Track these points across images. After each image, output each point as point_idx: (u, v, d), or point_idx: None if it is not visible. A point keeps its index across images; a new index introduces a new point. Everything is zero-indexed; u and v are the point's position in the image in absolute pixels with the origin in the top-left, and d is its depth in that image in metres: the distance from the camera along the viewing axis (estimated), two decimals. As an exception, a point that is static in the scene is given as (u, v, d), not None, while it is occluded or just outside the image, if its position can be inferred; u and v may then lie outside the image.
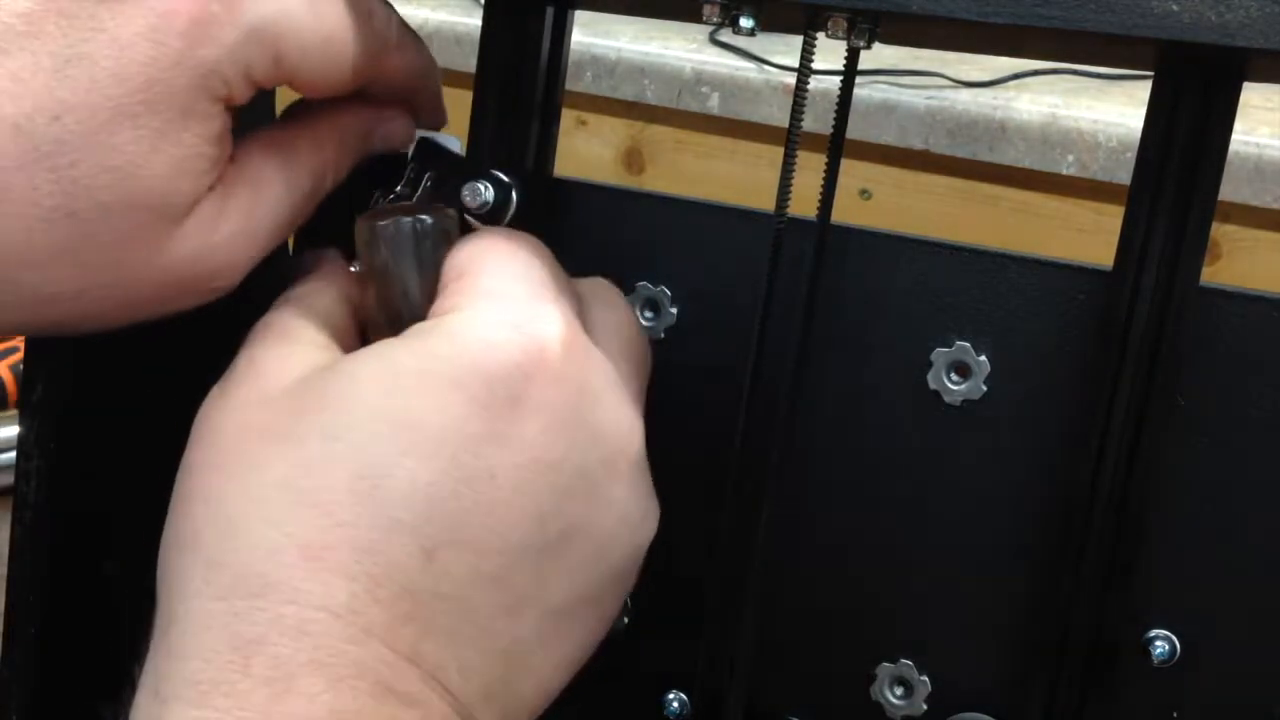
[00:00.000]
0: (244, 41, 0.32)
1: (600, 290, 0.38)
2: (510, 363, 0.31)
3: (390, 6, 0.37)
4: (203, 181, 0.33)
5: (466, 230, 0.40)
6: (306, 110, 0.38)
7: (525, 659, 0.32)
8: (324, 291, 0.36)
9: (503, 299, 0.32)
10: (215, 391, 0.34)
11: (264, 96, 0.42)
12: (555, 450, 0.32)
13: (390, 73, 0.37)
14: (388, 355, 0.32)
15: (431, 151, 0.40)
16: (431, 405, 0.31)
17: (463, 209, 0.40)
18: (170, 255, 0.33)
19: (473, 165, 0.41)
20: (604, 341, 0.35)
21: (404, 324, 0.34)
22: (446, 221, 0.35)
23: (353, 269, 0.37)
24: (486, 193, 0.40)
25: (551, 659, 0.33)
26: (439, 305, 0.33)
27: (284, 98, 0.39)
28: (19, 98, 0.30)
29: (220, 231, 0.34)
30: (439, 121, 0.41)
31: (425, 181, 0.40)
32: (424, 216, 0.35)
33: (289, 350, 0.33)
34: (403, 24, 0.38)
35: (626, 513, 0.34)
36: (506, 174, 0.40)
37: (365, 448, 0.30)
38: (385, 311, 0.35)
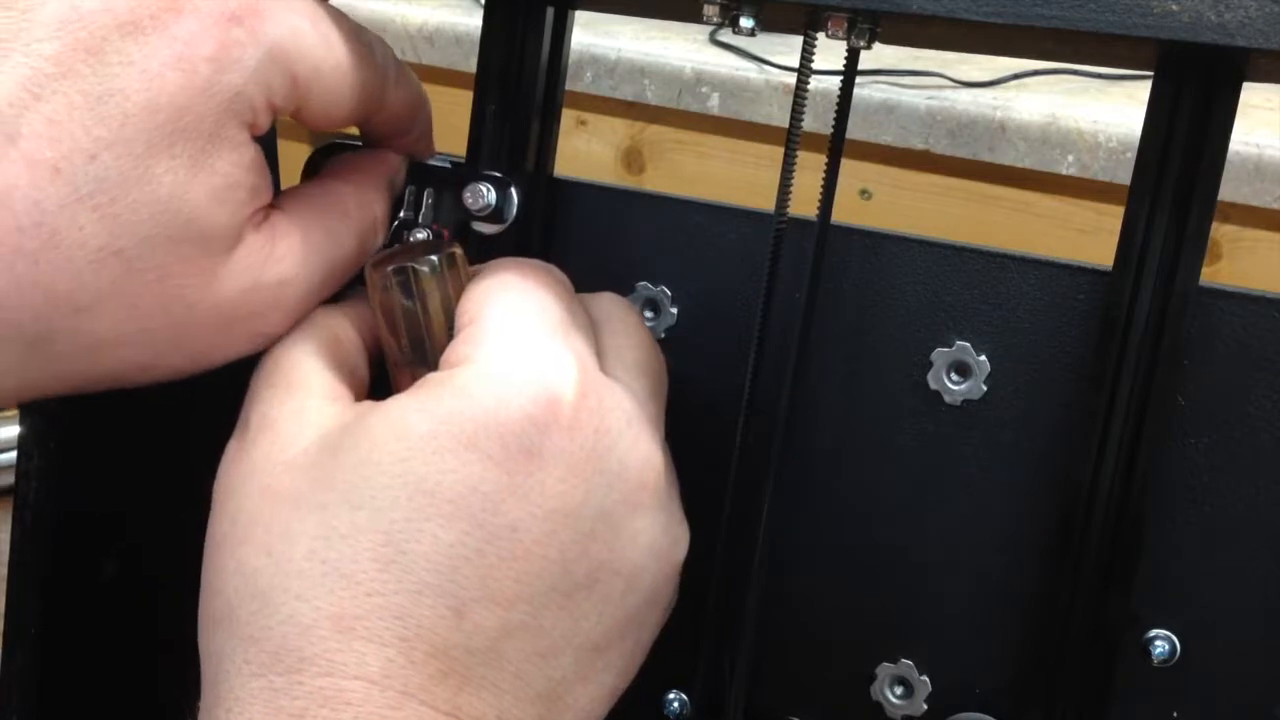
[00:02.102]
0: (264, 64, 0.32)
1: (613, 311, 0.38)
2: (524, 416, 0.31)
3: (387, 44, 0.37)
4: (243, 211, 0.33)
5: (475, 238, 0.40)
6: (341, 163, 0.39)
7: (564, 697, 0.33)
8: (334, 318, 0.36)
9: (514, 348, 0.32)
10: (232, 451, 0.34)
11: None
12: (574, 497, 0.32)
13: (391, 105, 0.37)
14: (402, 418, 0.32)
15: (421, 171, 0.41)
16: (448, 467, 0.31)
17: (467, 215, 0.40)
18: (219, 292, 0.33)
19: (465, 171, 0.41)
20: (619, 370, 0.35)
21: (423, 359, 0.34)
22: (455, 259, 0.35)
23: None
24: (489, 194, 0.40)
25: (590, 692, 0.33)
26: (451, 353, 0.33)
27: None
28: (56, 140, 0.30)
29: (269, 272, 0.34)
30: (429, 153, 0.42)
31: (426, 199, 0.40)
32: (432, 257, 0.35)
33: (301, 404, 0.33)
34: (399, 59, 0.38)
35: (652, 542, 0.34)
36: (503, 173, 0.40)
37: (387, 514, 0.31)
38: (401, 348, 0.35)
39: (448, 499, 0.31)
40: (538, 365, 0.32)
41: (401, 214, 0.40)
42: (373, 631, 0.30)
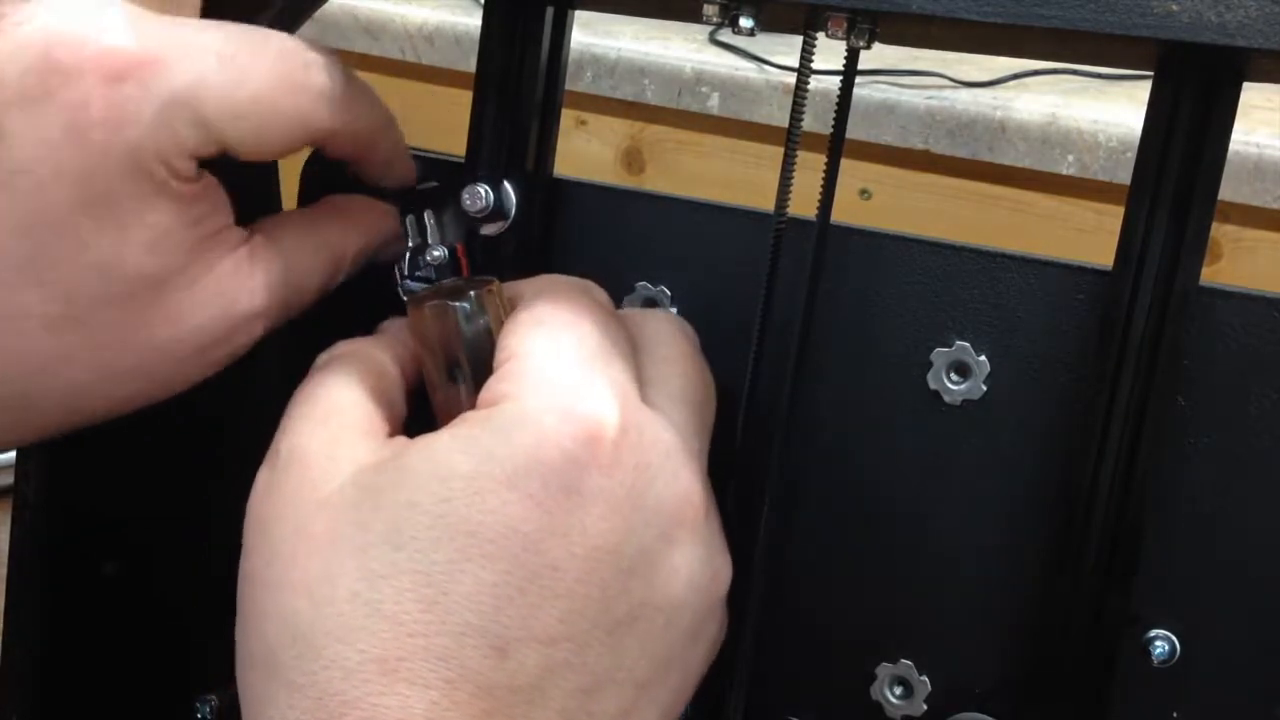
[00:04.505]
0: (163, 115, 0.32)
1: (660, 333, 0.37)
2: (564, 455, 0.31)
3: (335, 62, 0.36)
4: (185, 250, 0.33)
5: (482, 241, 0.40)
6: (338, 201, 0.39)
7: None
8: (374, 350, 0.36)
9: (552, 385, 0.32)
10: (262, 485, 0.33)
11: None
12: (615, 535, 0.32)
13: (346, 128, 0.37)
14: (442, 458, 0.31)
15: (413, 198, 0.41)
16: (489, 508, 0.31)
17: (472, 222, 0.40)
18: (185, 325, 0.33)
19: (456, 181, 0.41)
20: (662, 399, 0.34)
21: (465, 392, 0.34)
22: (493, 292, 0.35)
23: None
24: (487, 195, 0.40)
25: None
26: (490, 390, 0.33)
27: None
28: None
29: (243, 302, 0.34)
30: (407, 177, 0.41)
31: (428, 220, 0.40)
32: (471, 293, 0.35)
33: (335, 437, 0.33)
34: (352, 79, 0.37)
35: (692, 576, 0.34)
36: (495, 171, 0.40)
37: (428, 556, 0.30)
38: (442, 383, 0.35)
39: (489, 539, 0.30)
40: (577, 402, 0.32)
41: (410, 243, 0.40)
42: (416, 674, 0.30)
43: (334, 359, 0.35)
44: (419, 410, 0.36)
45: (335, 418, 0.33)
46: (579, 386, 0.32)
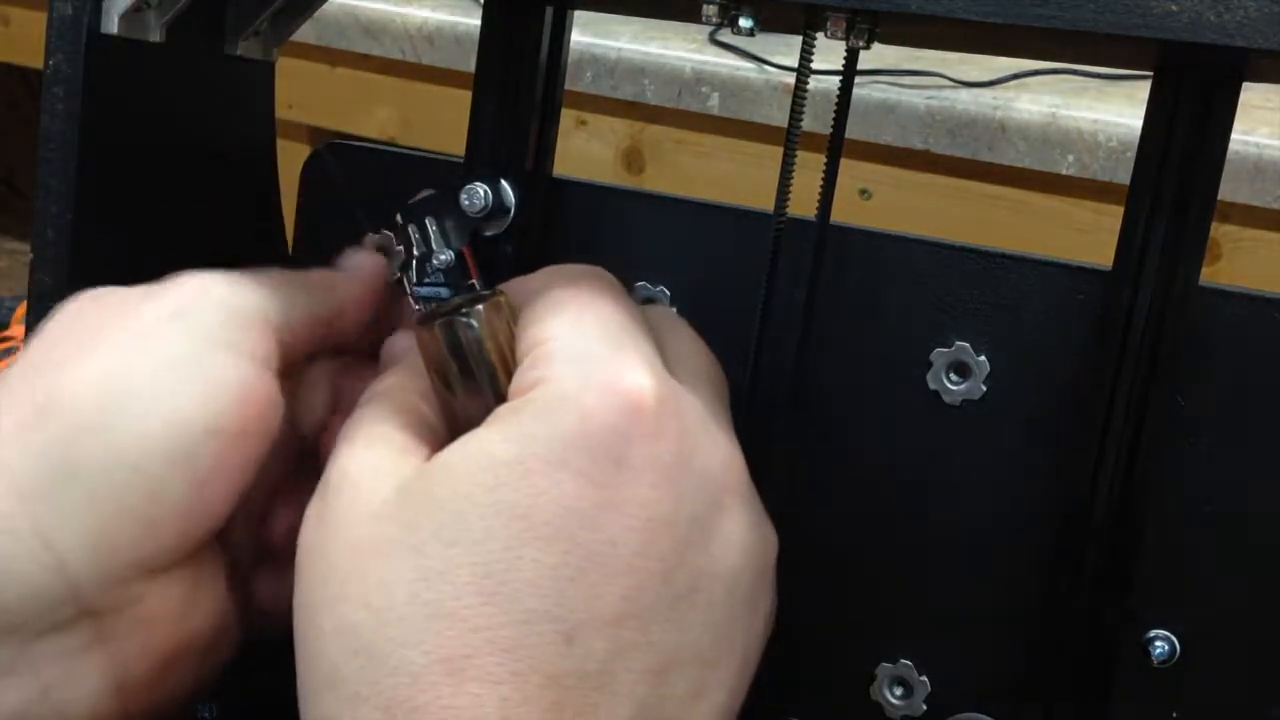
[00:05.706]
0: None
1: (667, 320, 0.37)
2: (607, 428, 0.31)
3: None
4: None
5: (484, 241, 0.39)
6: None
7: (681, 718, 0.32)
8: (409, 383, 0.36)
9: (585, 361, 0.32)
10: (313, 510, 0.33)
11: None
12: (667, 504, 0.31)
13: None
14: (484, 447, 0.31)
15: (412, 209, 0.40)
16: (539, 489, 0.30)
17: (473, 223, 0.40)
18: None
19: (453, 183, 0.40)
20: (685, 375, 0.34)
21: (481, 407, 0.33)
22: (499, 304, 0.34)
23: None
24: (487, 196, 0.40)
25: (704, 710, 0.32)
26: (522, 378, 0.32)
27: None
28: None
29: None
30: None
31: (429, 227, 0.40)
32: (477, 307, 0.34)
33: (379, 457, 0.33)
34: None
35: (746, 544, 0.33)
36: (495, 172, 0.40)
37: (484, 546, 0.30)
38: (458, 401, 0.34)
39: (543, 521, 0.30)
40: (612, 375, 0.31)
41: (415, 253, 0.40)
42: (484, 670, 0.29)
43: (374, 394, 0.35)
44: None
45: (377, 443, 0.33)
46: (611, 361, 0.32)
